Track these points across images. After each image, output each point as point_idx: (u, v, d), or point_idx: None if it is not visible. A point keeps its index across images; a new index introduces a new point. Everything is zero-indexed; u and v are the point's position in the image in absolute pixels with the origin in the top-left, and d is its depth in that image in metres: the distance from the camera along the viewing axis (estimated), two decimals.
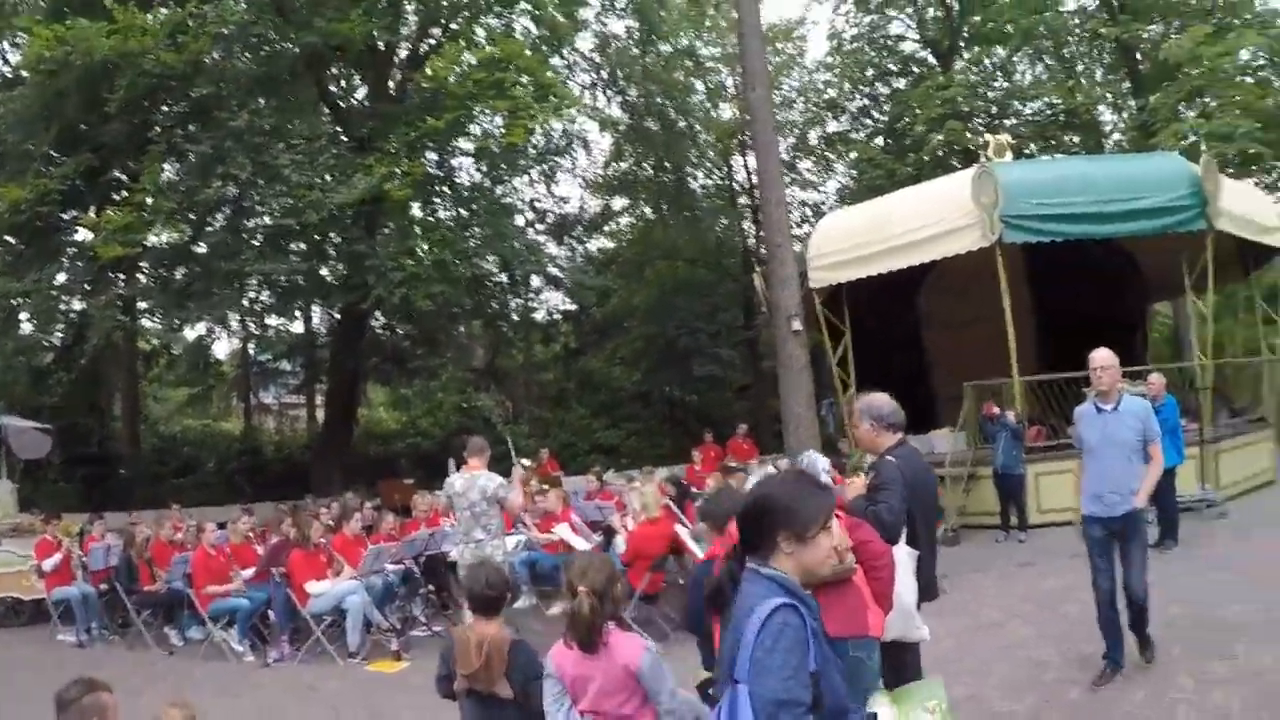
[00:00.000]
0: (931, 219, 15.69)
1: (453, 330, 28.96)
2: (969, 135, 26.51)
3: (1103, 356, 7.64)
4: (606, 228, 37.20)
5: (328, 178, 19.85)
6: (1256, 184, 21.33)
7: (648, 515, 10.24)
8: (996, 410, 14.76)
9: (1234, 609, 8.70)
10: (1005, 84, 31.98)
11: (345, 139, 22.07)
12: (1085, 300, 16.23)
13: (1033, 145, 27.93)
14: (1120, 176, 15.86)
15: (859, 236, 16.68)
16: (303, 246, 22.74)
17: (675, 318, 32.33)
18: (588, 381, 35.66)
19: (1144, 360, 19.25)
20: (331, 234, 21.97)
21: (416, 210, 23.99)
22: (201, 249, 22.69)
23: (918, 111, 28.05)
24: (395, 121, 21.54)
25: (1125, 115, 30.19)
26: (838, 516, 3.61)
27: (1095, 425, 7.57)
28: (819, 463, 5.38)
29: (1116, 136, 30.73)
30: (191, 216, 21.82)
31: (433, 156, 23.01)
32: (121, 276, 21.69)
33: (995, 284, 19.62)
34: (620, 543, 11.38)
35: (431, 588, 13.27)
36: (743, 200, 35.98)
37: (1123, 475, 7.29)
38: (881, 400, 5.87)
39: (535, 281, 28.71)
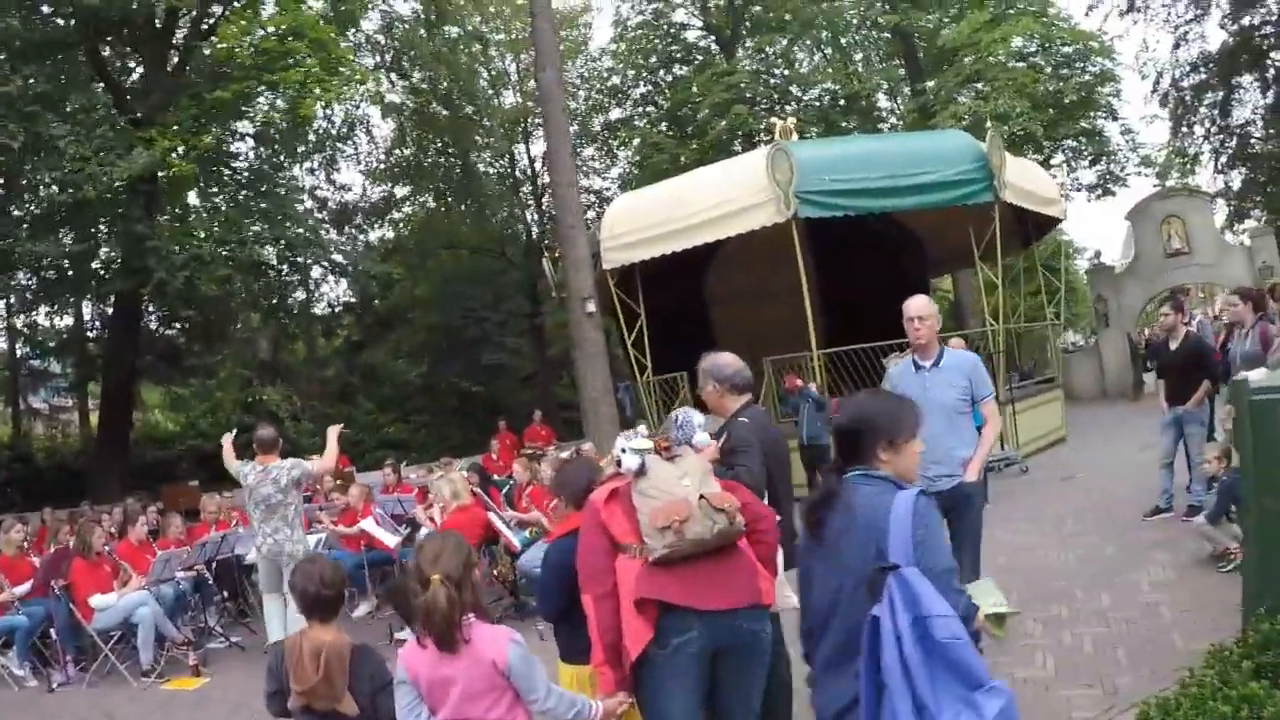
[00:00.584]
0: (726, 197, 15.46)
1: (233, 323, 27.71)
2: (752, 120, 26.77)
3: (919, 305, 6.48)
4: (388, 217, 36.31)
5: (105, 155, 18.08)
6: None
7: (459, 503, 9.53)
8: (800, 383, 14.67)
9: (1055, 556, 9.31)
10: (786, 71, 32.42)
11: (122, 117, 20.19)
12: (867, 275, 16.29)
13: (813, 130, 28.28)
14: (909, 152, 16.00)
15: (652, 216, 16.34)
16: (76, 229, 20.68)
17: (460, 306, 31.81)
18: (372, 375, 34.90)
19: None
20: (108, 213, 20.20)
21: (194, 199, 22.87)
22: None
23: (701, 98, 28.22)
24: (177, 97, 20.23)
25: (900, 101, 31.03)
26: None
27: (913, 385, 6.23)
28: (694, 417, 4.83)
29: (893, 121, 31.60)
30: None
31: (216, 133, 21.38)
32: None
33: (780, 261, 19.68)
34: (426, 534, 10.84)
35: (225, 594, 12.10)
36: (525, 189, 35.72)
37: (948, 443, 6.08)
38: (725, 360, 5.40)
39: (316, 272, 27.58)
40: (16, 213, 20.48)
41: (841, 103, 30.25)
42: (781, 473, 5.43)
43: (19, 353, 32.19)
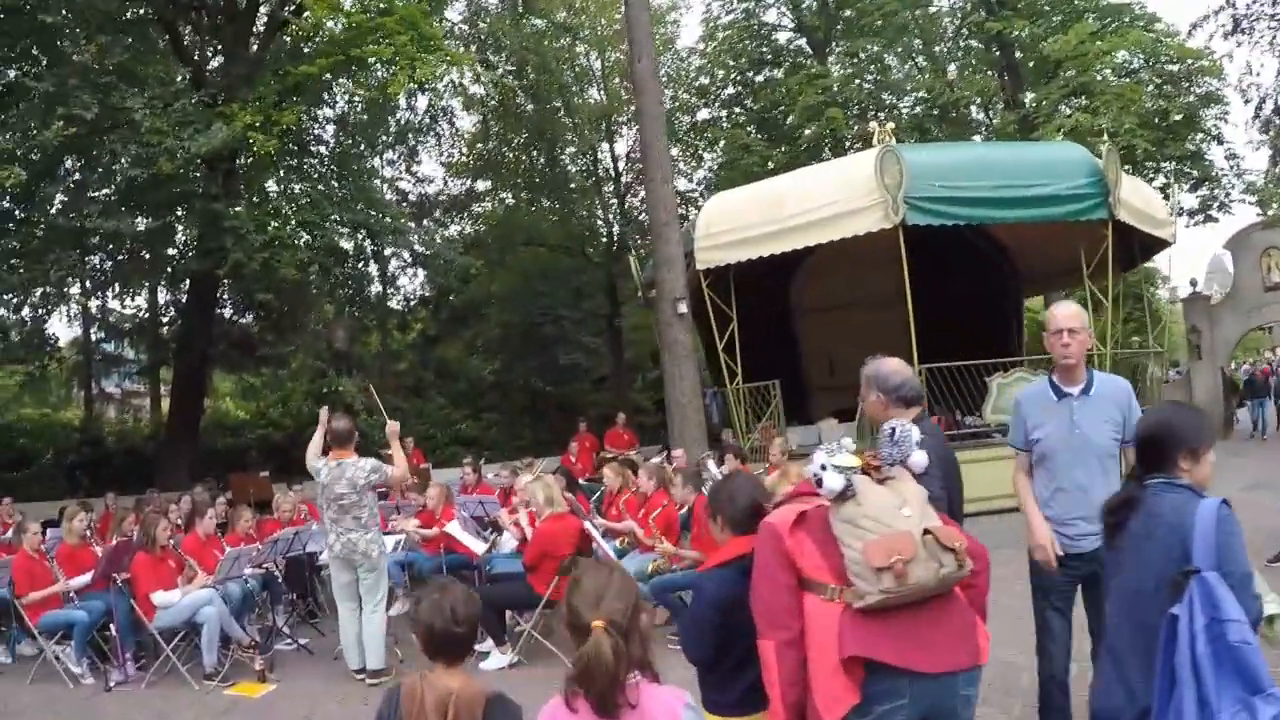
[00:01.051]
0: (830, 199, 14.89)
1: (307, 312, 27.42)
2: (846, 125, 26.14)
3: (1069, 313, 5.23)
4: (468, 211, 35.89)
5: (183, 129, 17.65)
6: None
7: (553, 510, 8.90)
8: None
9: None
10: (879, 77, 31.66)
11: (201, 93, 19.71)
12: (955, 288, 15.52)
13: (909, 138, 27.53)
14: (1022, 163, 15.48)
15: (751, 216, 15.76)
16: (152, 208, 20.00)
17: (539, 305, 31.33)
18: (445, 371, 34.45)
19: (1020, 352, 18.82)
20: (186, 190, 19.55)
21: (273, 185, 22.47)
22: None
23: (793, 100, 27.64)
24: (259, 73, 19.75)
25: (993, 113, 30.15)
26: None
27: (1057, 418, 5.17)
28: (914, 432, 3.91)
29: (985, 134, 30.76)
30: (35, 157, 18.64)
31: (297, 112, 20.53)
32: None
33: (866, 269, 19.27)
34: (507, 540, 10.35)
35: (295, 594, 11.55)
36: (607, 188, 35.20)
37: (1097, 495, 4.55)
38: (892, 368, 4.64)
39: (394, 263, 27.26)
40: (91, 193, 20.15)
41: (935, 112, 29.42)
42: (958, 496, 4.60)
43: (93, 337, 32.05)
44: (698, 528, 8.99)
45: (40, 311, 24.24)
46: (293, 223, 19.23)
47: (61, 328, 29.74)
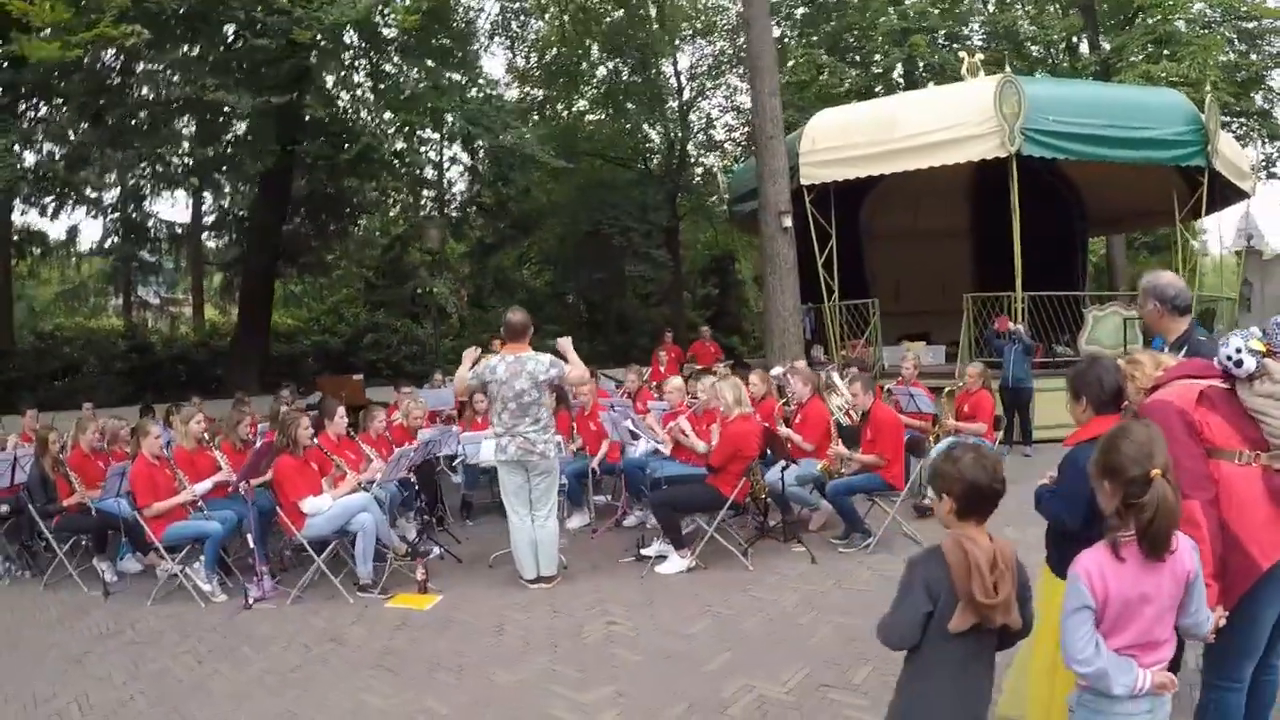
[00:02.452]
0: (945, 124, 15.11)
1: (357, 218, 27.28)
2: (930, 53, 26.14)
3: None
4: (531, 120, 35.40)
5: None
6: None
7: (741, 410, 8.74)
8: (1010, 324, 14.23)
9: None
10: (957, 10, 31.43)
11: None
12: (1025, 224, 15.74)
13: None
14: (1129, 104, 15.69)
15: (859, 135, 15.98)
16: (269, 83, 18.30)
17: (607, 216, 31.23)
18: (504, 281, 34.50)
19: (1083, 287, 19.39)
20: (312, 62, 18.84)
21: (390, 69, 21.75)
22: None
23: (872, 24, 27.63)
24: None
25: (1057, 53, 29.87)
26: None
27: None
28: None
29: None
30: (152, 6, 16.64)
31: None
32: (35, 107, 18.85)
33: (934, 201, 19.58)
34: (641, 445, 10.23)
35: (424, 501, 10.45)
36: (670, 102, 34.90)
37: None
38: (1168, 280, 4.98)
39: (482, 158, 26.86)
40: (204, 55, 19.25)
41: (1007, 49, 29.35)
42: None
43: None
44: (871, 432, 9.10)
45: (140, 195, 24.28)
46: (425, 107, 19.05)
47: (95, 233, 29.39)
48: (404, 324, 32.26)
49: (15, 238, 26.21)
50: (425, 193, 28.91)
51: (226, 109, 18.72)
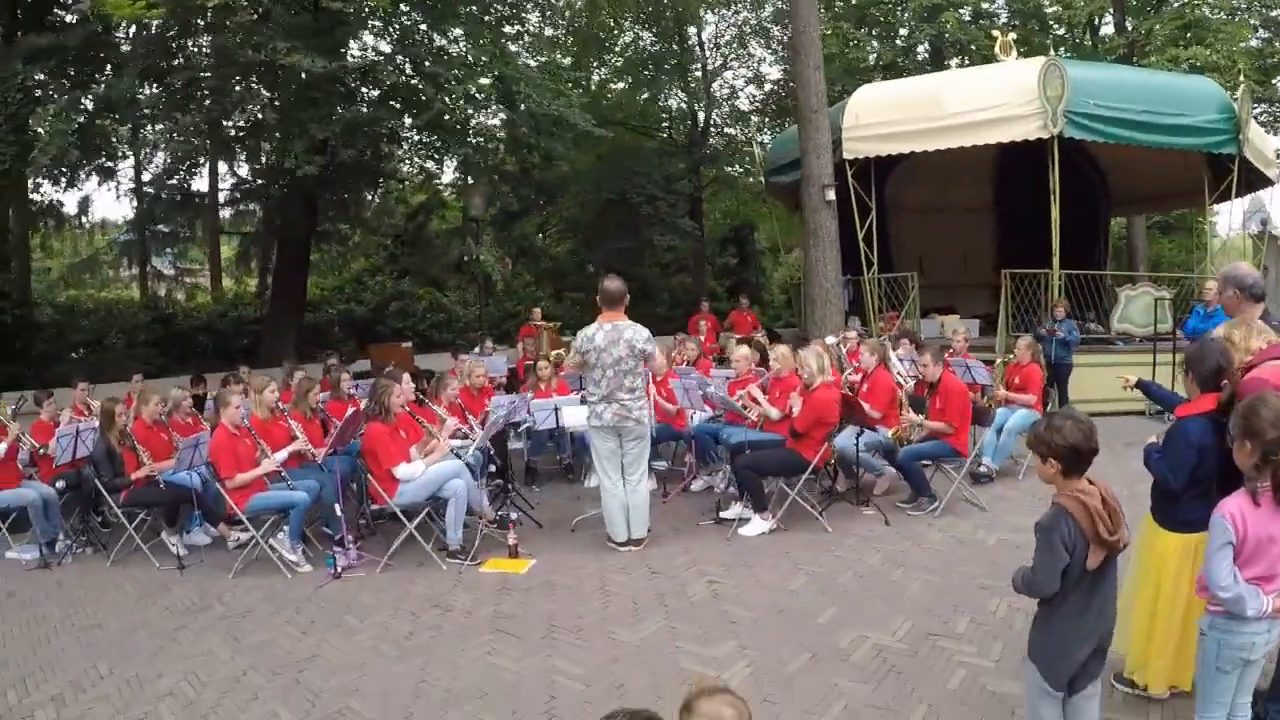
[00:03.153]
0: (990, 103, 15.37)
1: (376, 186, 27.66)
2: (961, 30, 26.33)
3: None
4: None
5: None
6: None
7: (824, 378, 9.02)
8: (1062, 313, 14.51)
9: None
10: None
11: None
12: (1047, 204, 16.07)
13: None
14: (1165, 90, 15.93)
15: (903, 111, 16.21)
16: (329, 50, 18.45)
17: (634, 184, 31.37)
18: (528, 249, 34.68)
19: (1105, 267, 19.98)
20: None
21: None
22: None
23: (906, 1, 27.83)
24: None
25: (1078, 34, 30.02)
26: None
27: None
28: None
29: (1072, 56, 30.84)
30: None
31: None
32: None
33: (959, 178, 20.01)
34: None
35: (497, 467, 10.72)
36: (694, 73, 34.97)
37: None
38: (1245, 270, 5.51)
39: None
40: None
41: (1037, 26, 29.57)
42: None
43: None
44: (940, 400, 9.53)
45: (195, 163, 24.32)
46: (490, 73, 19.29)
47: (110, 203, 29.20)
48: (428, 292, 32.42)
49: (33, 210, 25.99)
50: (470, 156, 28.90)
51: (300, 73, 18.57)
